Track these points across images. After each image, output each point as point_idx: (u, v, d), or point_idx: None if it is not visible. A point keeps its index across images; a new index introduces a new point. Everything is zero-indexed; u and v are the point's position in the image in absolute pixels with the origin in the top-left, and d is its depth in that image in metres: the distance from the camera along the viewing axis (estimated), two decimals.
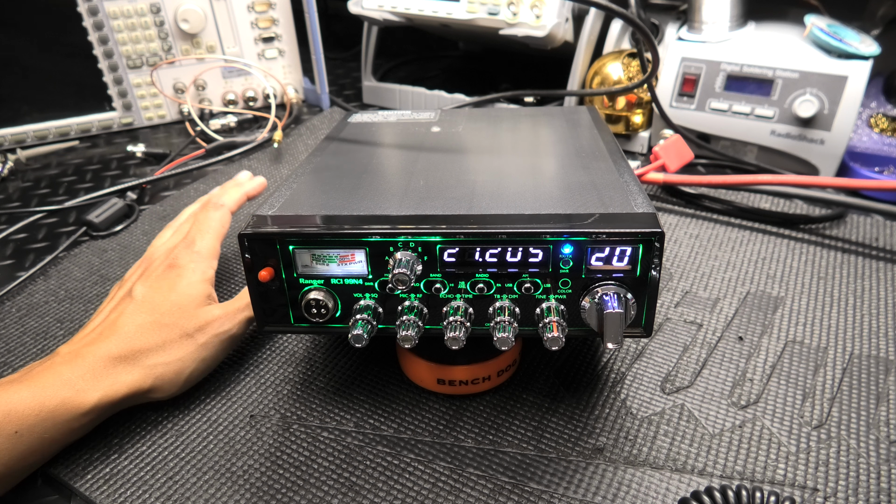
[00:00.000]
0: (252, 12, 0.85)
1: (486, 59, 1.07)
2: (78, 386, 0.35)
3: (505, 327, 0.33)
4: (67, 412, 0.35)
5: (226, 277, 0.54)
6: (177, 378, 0.39)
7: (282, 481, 0.36)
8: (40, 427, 0.34)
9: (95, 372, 0.36)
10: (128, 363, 0.37)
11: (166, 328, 0.39)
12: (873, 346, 0.44)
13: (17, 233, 0.62)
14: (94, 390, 0.36)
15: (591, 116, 0.53)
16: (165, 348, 0.39)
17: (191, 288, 0.41)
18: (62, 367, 0.36)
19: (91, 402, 0.35)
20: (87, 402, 0.35)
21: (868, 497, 0.34)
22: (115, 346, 0.38)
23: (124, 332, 0.38)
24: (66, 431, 0.35)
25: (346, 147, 0.48)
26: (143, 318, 0.39)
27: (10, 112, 0.79)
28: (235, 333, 0.42)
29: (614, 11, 0.49)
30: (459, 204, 0.35)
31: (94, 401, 0.36)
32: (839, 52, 0.61)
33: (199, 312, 0.41)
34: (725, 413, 0.39)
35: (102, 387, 0.36)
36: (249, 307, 0.43)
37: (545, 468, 0.36)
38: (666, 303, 0.49)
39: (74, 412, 0.35)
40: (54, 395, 0.34)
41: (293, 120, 0.85)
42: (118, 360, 0.37)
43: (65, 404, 0.35)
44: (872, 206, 0.55)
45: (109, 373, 0.37)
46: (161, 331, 0.39)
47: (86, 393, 0.35)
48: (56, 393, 0.35)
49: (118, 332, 0.38)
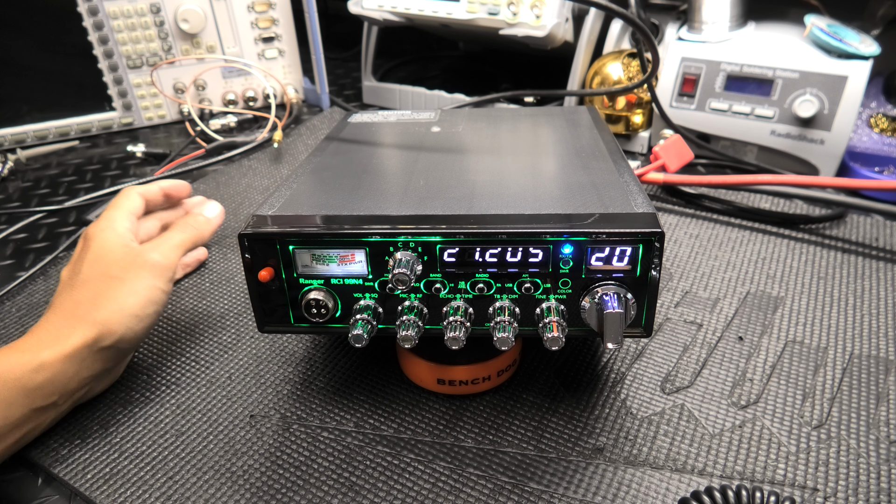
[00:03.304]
0: (252, 12, 0.85)
1: (486, 59, 1.07)
2: (23, 347, 0.37)
3: (505, 327, 0.33)
4: (15, 369, 0.35)
5: (226, 278, 0.54)
6: (120, 318, 0.39)
7: (282, 481, 0.36)
8: None
9: (39, 336, 0.38)
10: (71, 320, 0.38)
11: (93, 281, 0.40)
12: (873, 346, 0.44)
13: (17, 233, 0.62)
14: (39, 347, 0.37)
15: (591, 116, 0.53)
16: (99, 296, 0.39)
17: (105, 242, 0.42)
18: (14, 343, 0.38)
19: (39, 358, 0.36)
20: (34, 358, 0.36)
21: (868, 497, 0.34)
22: (57, 314, 0.39)
23: (60, 304, 0.39)
24: (22, 392, 0.36)
25: (346, 147, 0.48)
26: (69, 289, 0.40)
27: (10, 112, 0.79)
28: (161, 261, 0.42)
29: (614, 11, 0.49)
30: (459, 204, 0.35)
31: (42, 357, 0.36)
32: (839, 52, 0.61)
33: (121, 256, 0.41)
34: (725, 413, 0.39)
35: (49, 343, 0.37)
36: (177, 237, 0.44)
37: (545, 468, 0.36)
38: (666, 303, 0.49)
39: (23, 368, 0.36)
40: (3, 361, 0.36)
41: (293, 120, 0.85)
42: (62, 323, 0.38)
43: (11, 363, 0.36)
44: (872, 206, 0.55)
45: (56, 331, 0.38)
46: (91, 285, 0.40)
47: (32, 350, 0.37)
48: (4, 359, 0.36)
49: (54, 306, 0.39)
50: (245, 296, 0.52)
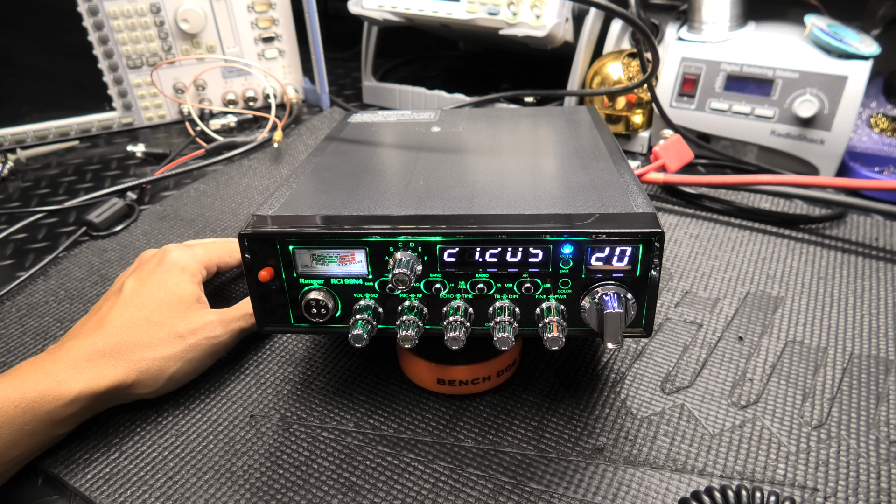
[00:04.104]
0: (252, 12, 0.85)
1: (486, 59, 1.07)
2: (59, 377, 0.35)
3: (505, 327, 0.33)
4: (48, 403, 0.35)
5: (226, 281, 0.54)
6: (160, 375, 0.39)
7: (282, 481, 0.36)
8: (20, 419, 0.34)
9: (78, 364, 0.36)
10: (112, 357, 0.37)
11: (155, 325, 0.39)
12: (873, 346, 0.44)
13: (17, 233, 0.62)
14: (75, 382, 0.36)
15: (591, 116, 0.53)
16: (153, 345, 0.38)
17: (180, 287, 0.41)
18: (45, 361, 0.36)
19: (73, 392, 0.35)
20: (68, 392, 0.35)
21: (868, 497, 0.34)
22: (101, 340, 0.38)
23: (111, 327, 0.38)
24: (48, 423, 0.35)
25: (346, 147, 0.48)
26: (131, 313, 0.39)
27: (10, 112, 0.79)
28: (225, 341, 0.42)
29: (614, 11, 0.49)
30: (459, 204, 0.35)
31: (76, 392, 0.35)
32: (839, 52, 0.61)
33: (192, 315, 0.41)
34: (725, 413, 0.39)
35: (85, 379, 0.36)
36: (245, 318, 0.43)
37: (545, 468, 0.36)
38: (666, 303, 0.49)
39: (56, 403, 0.35)
40: (34, 387, 0.34)
41: (293, 120, 0.85)
42: (102, 354, 0.37)
43: (45, 395, 0.35)
44: (872, 206, 0.55)
45: (93, 365, 0.37)
46: (150, 328, 0.39)
47: (67, 384, 0.35)
48: (36, 385, 0.35)
49: (105, 326, 0.38)
50: (245, 296, 0.52)
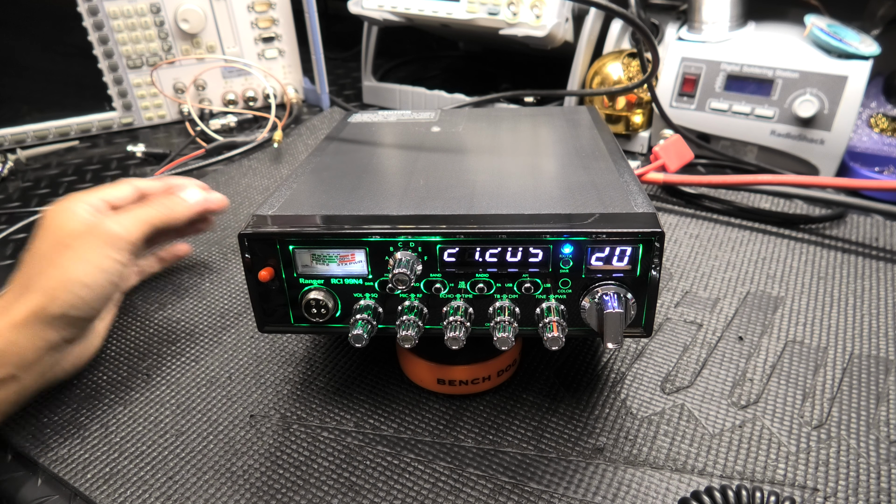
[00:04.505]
0: (252, 12, 0.85)
1: (486, 59, 1.07)
2: None
3: (505, 327, 0.33)
4: None
5: (225, 278, 0.54)
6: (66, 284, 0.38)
7: (282, 481, 0.36)
8: None
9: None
10: (18, 294, 0.38)
11: (39, 253, 0.40)
12: (873, 346, 0.44)
13: (17, 233, 0.62)
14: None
15: (591, 116, 0.53)
16: (45, 268, 0.39)
17: (57, 215, 0.41)
18: None
19: None
20: None
21: (868, 497, 0.34)
22: (8, 292, 0.39)
23: (12, 281, 0.40)
24: None
25: (346, 147, 0.48)
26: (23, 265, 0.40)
27: (10, 112, 0.79)
28: (117, 231, 0.40)
29: (614, 11, 0.49)
30: (459, 204, 0.35)
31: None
32: (839, 52, 0.61)
33: (72, 227, 0.40)
34: (725, 413, 0.39)
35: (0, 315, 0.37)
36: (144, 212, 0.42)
37: (545, 468, 0.36)
38: (666, 303, 0.49)
39: None
40: None
41: (293, 120, 0.85)
42: (12, 298, 0.38)
43: None
44: (872, 206, 0.55)
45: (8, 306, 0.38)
46: (35, 258, 0.40)
47: None
48: None
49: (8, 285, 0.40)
50: (245, 296, 0.52)
